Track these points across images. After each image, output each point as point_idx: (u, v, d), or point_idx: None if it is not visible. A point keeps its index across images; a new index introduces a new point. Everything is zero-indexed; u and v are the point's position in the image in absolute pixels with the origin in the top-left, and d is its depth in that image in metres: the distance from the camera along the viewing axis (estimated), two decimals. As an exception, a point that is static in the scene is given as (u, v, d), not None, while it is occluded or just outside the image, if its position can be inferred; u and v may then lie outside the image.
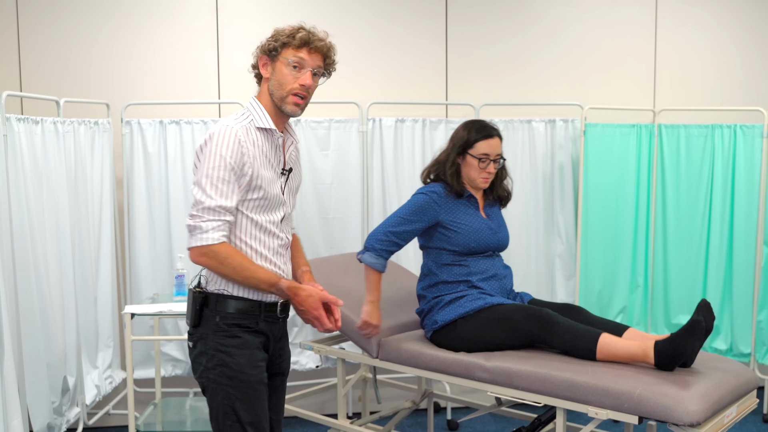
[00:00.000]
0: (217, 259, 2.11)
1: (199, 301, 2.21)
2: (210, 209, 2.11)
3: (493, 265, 3.05)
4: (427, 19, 4.33)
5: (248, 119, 2.20)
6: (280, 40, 2.19)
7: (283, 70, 2.19)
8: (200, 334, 2.22)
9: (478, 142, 3.00)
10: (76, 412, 3.63)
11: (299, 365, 4.12)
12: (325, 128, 4.09)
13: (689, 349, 2.55)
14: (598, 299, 4.30)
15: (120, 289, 4.08)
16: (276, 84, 2.20)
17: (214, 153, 2.11)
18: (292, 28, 2.20)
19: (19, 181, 3.19)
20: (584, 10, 4.45)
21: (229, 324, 2.20)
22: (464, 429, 4.15)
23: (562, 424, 2.67)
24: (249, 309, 2.21)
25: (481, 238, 3.01)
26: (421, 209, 2.98)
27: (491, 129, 3.03)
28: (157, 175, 3.97)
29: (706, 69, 4.55)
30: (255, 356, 2.22)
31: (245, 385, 2.19)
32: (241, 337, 2.20)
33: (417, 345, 3.04)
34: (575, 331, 2.73)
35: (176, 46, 4.11)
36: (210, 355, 2.20)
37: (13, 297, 3.13)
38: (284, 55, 2.18)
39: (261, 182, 2.17)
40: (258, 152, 2.18)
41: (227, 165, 2.10)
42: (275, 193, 2.23)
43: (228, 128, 2.13)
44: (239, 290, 2.21)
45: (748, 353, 4.18)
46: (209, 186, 2.11)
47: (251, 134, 2.17)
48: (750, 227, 4.13)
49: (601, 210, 4.26)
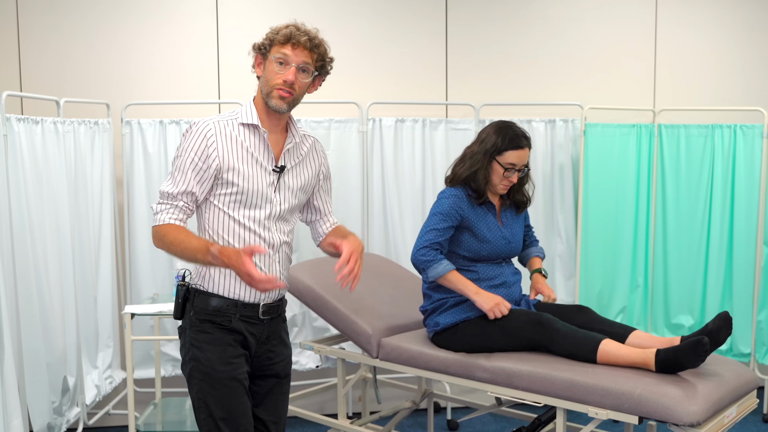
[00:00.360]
0: (157, 236, 2.18)
1: (181, 294, 2.27)
2: (163, 194, 2.20)
3: (502, 273, 3.01)
4: (427, 19, 4.33)
5: (234, 115, 2.25)
6: (269, 38, 2.22)
7: (270, 66, 2.21)
8: (182, 328, 2.29)
9: (507, 150, 2.92)
10: (76, 412, 3.63)
11: (299, 365, 4.12)
12: (325, 128, 4.09)
13: (690, 365, 2.53)
14: (598, 299, 4.30)
15: (120, 289, 4.08)
16: (264, 81, 2.23)
17: (180, 146, 2.21)
18: (281, 26, 2.22)
19: (19, 181, 3.19)
20: (584, 10, 4.45)
21: (201, 320, 2.24)
22: (464, 429, 4.15)
23: (562, 424, 2.67)
24: (223, 307, 2.23)
25: (494, 248, 2.97)
26: (449, 215, 2.91)
27: (522, 139, 2.94)
28: (157, 175, 3.97)
29: (706, 69, 4.55)
30: (227, 353, 2.23)
31: (216, 381, 2.21)
32: (211, 333, 2.23)
33: (417, 345, 3.04)
34: (575, 337, 2.71)
35: (176, 46, 4.11)
36: (186, 349, 2.26)
37: (13, 297, 3.13)
38: (272, 53, 2.20)
39: (233, 176, 2.19)
40: (234, 146, 2.20)
41: (187, 156, 2.18)
42: (255, 189, 2.21)
43: (200, 123, 2.20)
44: (214, 287, 2.23)
45: (748, 353, 4.18)
46: (170, 175, 2.22)
47: (228, 128, 2.21)
48: (750, 227, 4.13)
49: (601, 210, 4.26)
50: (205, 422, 2.24)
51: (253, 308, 2.26)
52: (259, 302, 2.26)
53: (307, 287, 3.28)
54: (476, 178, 2.93)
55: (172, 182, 2.19)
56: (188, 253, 2.13)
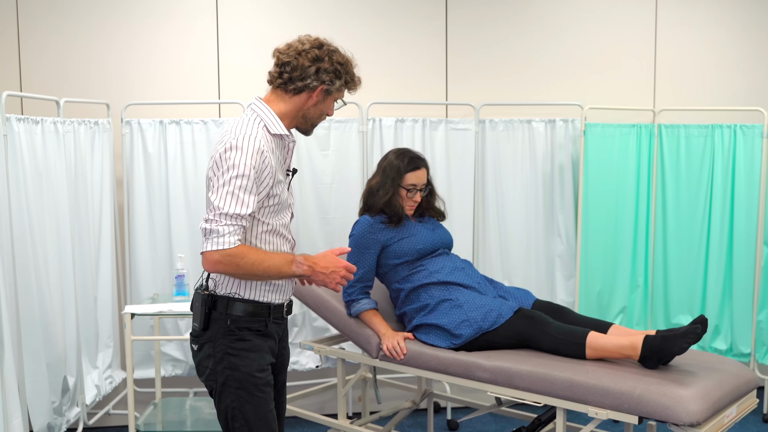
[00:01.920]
0: (234, 261, 2.10)
1: (208, 303, 2.21)
2: (227, 215, 2.09)
3: (451, 260, 3.15)
4: (427, 19, 4.33)
5: (260, 125, 2.19)
6: (343, 78, 2.25)
7: (330, 104, 2.28)
8: (208, 337, 2.22)
9: (407, 173, 3.13)
10: (76, 412, 3.63)
11: (299, 365, 4.12)
12: (325, 128, 4.09)
13: (676, 350, 2.58)
14: (598, 299, 4.30)
15: (120, 289, 4.08)
16: (317, 112, 2.27)
17: (237, 162, 2.10)
18: (352, 67, 2.27)
19: (19, 181, 3.19)
20: (584, 10, 4.45)
21: (240, 327, 2.21)
22: (464, 429, 4.15)
23: (562, 424, 2.67)
24: (258, 311, 2.23)
25: (422, 238, 3.13)
26: (363, 245, 3.11)
27: (419, 161, 3.18)
28: (157, 175, 3.97)
29: (706, 69, 4.55)
30: (264, 360, 2.24)
31: (255, 388, 2.21)
32: (251, 340, 2.22)
33: (417, 345, 3.04)
34: (564, 330, 2.80)
35: (176, 45, 4.11)
36: (218, 358, 2.20)
37: (13, 297, 3.13)
38: (339, 93, 2.26)
39: (277, 189, 2.20)
40: (275, 159, 2.20)
41: (248, 175, 2.10)
42: (285, 196, 2.26)
43: (251, 138, 2.12)
44: (248, 292, 2.22)
45: (748, 353, 4.18)
46: (228, 195, 2.09)
47: (270, 142, 2.19)
48: (750, 227, 4.13)
49: (601, 210, 4.26)
50: (240, 430, 2.22)
51: (279, 309, 2.30)
52: (284, 302, 2.31)
53: (307, 287, 3.28)
54: (391, 204, 3.13)
55: (235, 202, 2.09)
56: (272, 271, 2.16)
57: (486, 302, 2.96)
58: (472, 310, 2.93)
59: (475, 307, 2.94)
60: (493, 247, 4.32)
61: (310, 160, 4.07)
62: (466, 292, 3.01)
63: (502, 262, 4.34)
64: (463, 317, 2.93)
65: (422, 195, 3.20)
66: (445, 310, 2.98)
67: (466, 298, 2.98)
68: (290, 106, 2.24)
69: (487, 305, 2.94)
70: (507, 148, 4.29)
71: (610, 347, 2.69)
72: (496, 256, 4.33)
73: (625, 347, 2.65)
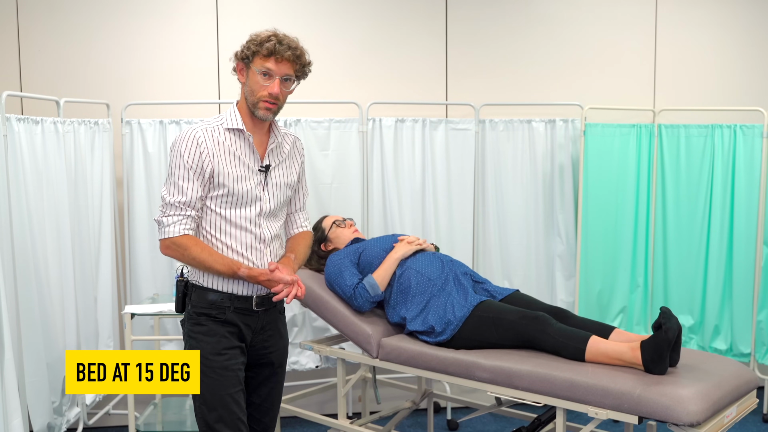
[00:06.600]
0: (178, 251, 2.29)
1: (181, 289, 2.40)
2: (171, 205, 2.28)
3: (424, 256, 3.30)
4: (427, 19, 4.33)
5: (219, 121, 2.34)
6: (251, 49, 2.30)
7: (254, 78, 2.32)
8: (182, 321, 2.42)
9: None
10: (76, 412, 3.63)
11: (299, 365, 4.12)
12: (325, 128, 4.09)
13: (671, 334, 2.53)
14: (598, 299, 4.30)
15: (120, 289, 4.08)
16: (249, 90, 2.34)
17: (175, 154, 2.29)
18: (263, 37, 2.30)
19: (19, 181, 3.19)
20: (584, 10, 4.45)
21: (198, 313, 2.36)
22: (464, 429, 4.15)
23: (562, 424, 2.67)
24: (218, 301, 2.34)
25: (378, 242, 3.38)
26: (346, 261, 3.28)
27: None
28: (157, 175, 3.97)
29: (706, 69, 4.55)
30: (220, 344, 2.33)
31: (209, 369, 2.32)
32: (206, 325, 2.35)
33: (417, 345, 3.04)
34: (566, 332, 2.79)
35: (176, 45, 4.11)
36: (185, 341, 2.42)
37: (13, 297, 3.13)
38: (254, 64, 2.30)
39: (223, 179, 2.30)
40: (223, 151, 2.31)
41: (185, 164, 2.27)
42: (244, 189, 2.33)
43: (189, 131, 2.30)
44: (210, 282, 2.35)
45: (748, 353, 4.18)
46: (171, 185, 2.29)
47: (216, 134, 2.31)
48: (750, 227, 4.13)
49: (601, 210, 4.26)
50: (198, 409, 2.35)
51: (246, 300, 2.37)
52: (252, 295, 2.38)
53: (307, 287, 3.28)
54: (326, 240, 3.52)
55: (176, 191, 2.28)
56: (213, 272, 2.31)
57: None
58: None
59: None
60: (493, 247, 4.32)
61: (310, 160, 4.07)
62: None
63: (502, 262, 4.34)
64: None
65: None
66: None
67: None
68: (241, 97, 2.38)
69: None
70: (507, 148, 4.29)
71: (610, 353, 2.67)
72: (496, 256, 4.33)
73: (626, 354, 2.63)
